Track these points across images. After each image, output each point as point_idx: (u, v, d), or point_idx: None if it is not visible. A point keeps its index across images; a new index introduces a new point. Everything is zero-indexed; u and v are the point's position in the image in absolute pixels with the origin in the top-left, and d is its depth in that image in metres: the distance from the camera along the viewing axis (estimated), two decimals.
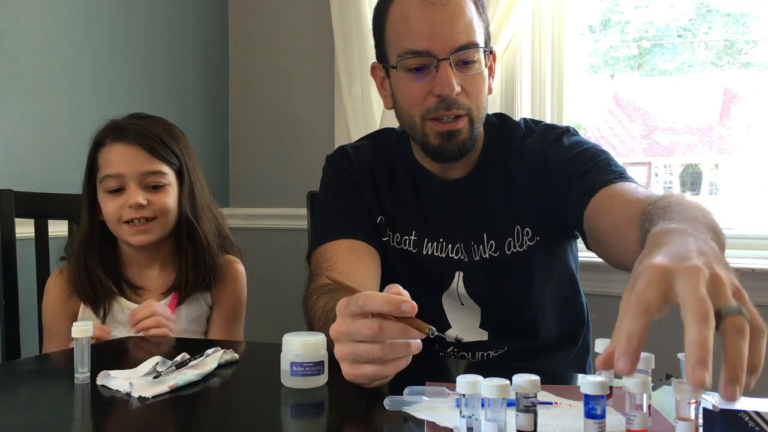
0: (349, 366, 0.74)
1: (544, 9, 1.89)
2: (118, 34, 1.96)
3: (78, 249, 1.30)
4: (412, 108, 1.10)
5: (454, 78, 1.04)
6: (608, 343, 0.71)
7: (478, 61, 1.07)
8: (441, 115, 1.07)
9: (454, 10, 1.04)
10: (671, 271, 0.57)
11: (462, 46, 1.04)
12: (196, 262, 1.33)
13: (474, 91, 1.08)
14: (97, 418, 0.75)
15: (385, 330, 0.71)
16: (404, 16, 1.07)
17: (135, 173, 1.26)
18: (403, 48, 1.07)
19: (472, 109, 1.08)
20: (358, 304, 0.72)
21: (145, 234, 1.27)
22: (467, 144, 1.10)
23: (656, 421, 0.66)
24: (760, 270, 1.58)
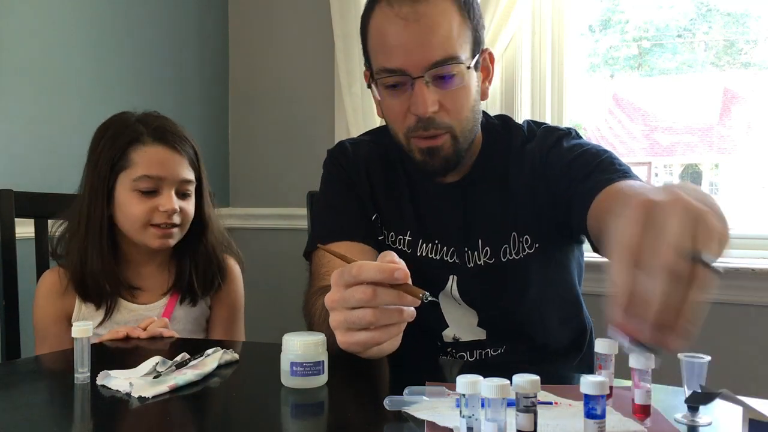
0: (343, 334, 0.75)
1: (544, 9, 1.88)
2: (118, 34, 1.96)
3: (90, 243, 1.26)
4: (395, 125, 1.08)
5: (432, 95, 1.00)
6: (608, 343, 0.72)
7: (458, 75, 1.02)
8: (421, 134, 1.04)
9: (428, 25, 0.99)
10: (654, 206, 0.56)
11: (437, 62, 0.99)
12: (206, 265, 1.33)
13: (455, 107, 1.03)
14: (97, 418, 0.75)
15: (379, 295, 0.72)
16: (380, 31, 1.03)
17: (174, 179, 1.26)
18: (379, 65, 1.04)
19: (453, 126, 1.04)
20: (352, 273, 0.72)
21: (168, 238, 1.27)
22: (451, 160, 1.07)
23: (656, 421, 0.66)
24: (760, 270, 1.58)
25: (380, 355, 0.77)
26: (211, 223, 1.36)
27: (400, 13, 0.99)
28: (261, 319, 1.87)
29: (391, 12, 1.00)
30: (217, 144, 2.35)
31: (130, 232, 1.27)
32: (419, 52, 0.99)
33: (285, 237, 2.24)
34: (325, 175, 1.24)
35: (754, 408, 0.54)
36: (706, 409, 0.67)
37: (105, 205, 1.27)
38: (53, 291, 1.28)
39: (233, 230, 1.93)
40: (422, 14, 0.99)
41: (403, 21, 0.99)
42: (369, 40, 1.07)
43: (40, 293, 1.30)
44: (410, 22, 0.99)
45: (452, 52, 1.00)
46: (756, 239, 1.70)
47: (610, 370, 0.72)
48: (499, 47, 1.82)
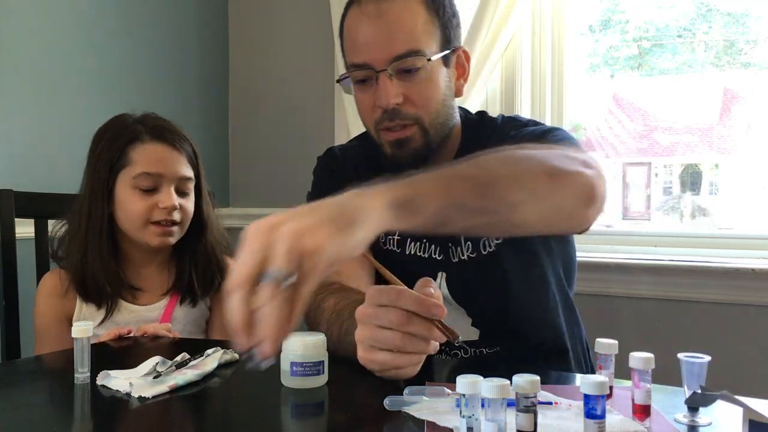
0: (366, 350, 0.75)
1: (544, 9, 1.88)
2: (118, 34, 1.96)
3: (90, 242, 1.27)
4: (365, 119, 1.12)
5: (395, 88, 1.04)
6: (608, 343, 0.72)
7: (423, 68, 1.04)
8: (387, 126, 1.07)
9: (391, 20, 1.03)
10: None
11: (400, 55, 1.03)
12: (206, 265, 1.33)
13: (421, 99, 1.06)
14: (97, 418, 0.75)
15: (412, 323, 0.72)
16: (349, 30, 1.09)
17: (173, 176, 1.27)
18: (348, 61, 1.09)
19: (421, 117, 1.07)
20: (390, 297, 0.73)
21: (168, 236, 1.27)
22: (421, 151, 1.09)
23: (656, 421, 0.66)
24: (760, 270, 1.58)
25: (396, 377, 0.77)
26: (210, 222, 1.36)
27: (365, 11, 1.05)
28: None
29: (358, 11, 1.06)
30: (217, 144, 2.35)
31: (131, 230, 1.28)
32: (382, 47, 1.04)
33: None
34: (315, 180, 1.26)
35: (754, 408, 0.54)
36: (706, 409, 0.67)
37: (105, 205, 1.27)
38: (54, 292, 1.28)
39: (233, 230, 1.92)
40: (385, 11, 1.04)
41: (367, 18, 1.04)
42: (343, 40, 1.12)
43: (41, 295, 1.30)
44: (374, 18, 1.04)
45: (415, 46, 1.04)
46: (756, 239, 1.70)
47: (610, 370, 0.72)
48: (499, 47, 1.82)
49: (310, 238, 0.56)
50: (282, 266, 0.55)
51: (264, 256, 0.56)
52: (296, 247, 0.55)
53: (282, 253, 0.55)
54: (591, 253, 1.80)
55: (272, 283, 0.55)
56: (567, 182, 0.78)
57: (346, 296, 0.96)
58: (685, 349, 0.71)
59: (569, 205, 0.79)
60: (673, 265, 1.68)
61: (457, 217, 0.69)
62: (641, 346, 0.70)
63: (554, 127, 1.11)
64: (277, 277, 0.54)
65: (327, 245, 0.57)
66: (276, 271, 0.55)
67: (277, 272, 0.55)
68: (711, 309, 1.66)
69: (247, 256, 0.57)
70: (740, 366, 1.59)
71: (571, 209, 0.80)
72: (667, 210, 2.22)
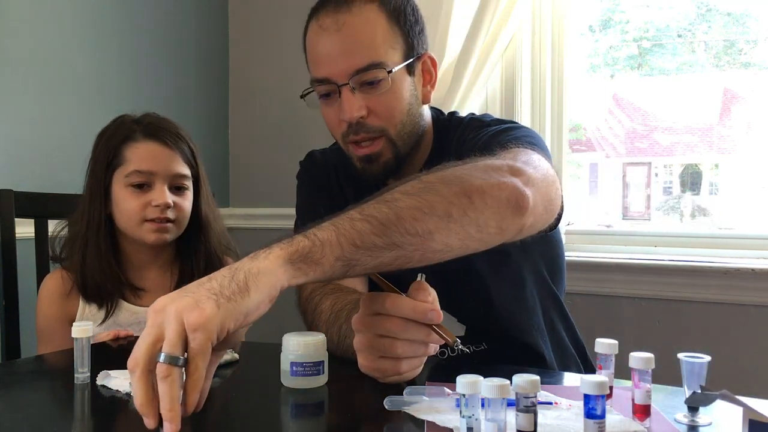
0: (365, 358, 0.75)
1: (544, 9, 1.88)
2: (118, 34, 1.96)
3: (88, 242, 1.28)
4: (333, 132, 1.12)
5: (358, 101, 1.03)
6: (608, 343, 0.72)
7: (384, 80, 1.03)
8: (353, 139, 1.06)
9: (349, 33, 1.02)
10: None
11: (361, 68, 1.01)
12: (207, 265, 1.33)
13: (385, 111, 1.05)
14: (97, 418, 0.75)
15: (409, 330, 0.72)
16: (310, 45, 1.08)
17: (166, 173, 1.28)
18: (312, 76, 1.08)
19: (387, 129, 1.06)
20: (384, 306, 0.72)
21: (163, 233, 1.27)
22: (390, 164, 1.08)
23: (656, 421, 0.66)
24: (760, 270, 1.58)
25: (398, 381, 0.77)
26: (211, 222, 1.36)
27: (323, 25, 1.03)
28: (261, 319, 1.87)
29: (316, 25, 1.05)
30: (217, 144, 2.35)
31: (128, 229, 1.28)
32: (342, 60, 1.02)
33: None
34: (300, 184, 1.26)
35: (754, 408, 0.54)
36: (706, 409, 0.67)
37: (103, 205, 1.28)
38: (56, 293, 1.29)
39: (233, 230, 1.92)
40: (343, 23, 1.02)
41: (326, 32, 1.03)
42: (306, 56, 1.11)
43: (43, 295, 1.31)
44: (332, 32, 1.02)
45: (375, 58, 1.02)
46: (756, 239, 1.70)
47: (610, 370, 0.72)
48: (499, 47, 1.82)
49: (194, 313, 0.58)
50: (171, 348, 0.58)
51: (157, 335, 0.59)
52: (180, 326, 0.58)
53: (170, 333, 0.58)
54: (591, 253, 1.80)
55: (166, 362, 0.58)
56: (486, 197, 0.74)
57: (343, 297, 0.96)
58: (685, 349, 0.71)
59: (494, 220, 0.76)
60: (673, 265, 1.68)
61: (363, 259, 0.67)
62: (641, 346, 0.70)
63: (512, 126, 1.08)
64: (169, 357, 0.58)
65: (212, 317, 0.58)
66: (167, 351, 0.58)
67: (168, 353, 0.58)
68: (711, 309, 1.66)
69: (142, 337, 0.60)
70: (740, 366, 1.59)
71: (497, 223, 0.76)
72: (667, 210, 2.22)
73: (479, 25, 1.78)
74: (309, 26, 1.08)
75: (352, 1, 1.03)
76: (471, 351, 1.11)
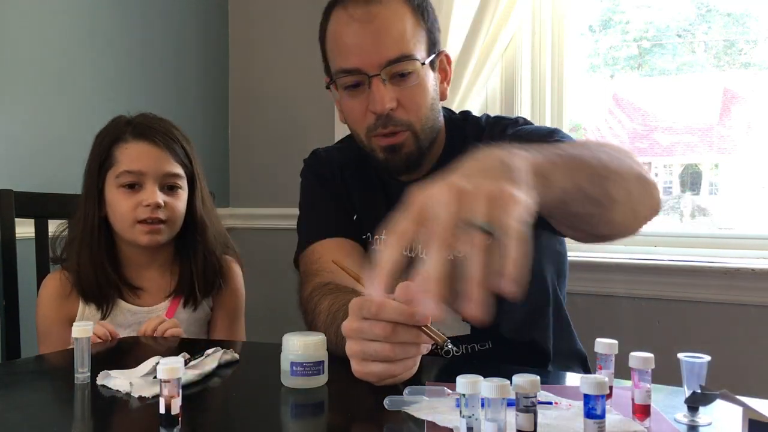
0: (358, 363, 0.75)
1: (544, 9, 1.88)
2: (118, 34, 1.96)
3: (83, 243, 1.28)
4: (356, 125, 1.11)
5: (389, 93, 1.03)
6: (608, 343, 0.72)
7: (414, 72, 1.04)
8: (380, 132, 1.07)
9: (382, 24, 1.02)
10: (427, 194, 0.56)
11: (393, 60, 1.02)
12: (206, 266, 1.33)
13: (413, 104, 1.06)
14: (97, 418, 0.75)
15: (398, 332, 0.72)
16: (336, 34, 1.07)
17: (156, 173, 1.27)
18: (337, 66, 1.07)
19: (413, 123, 1.07)
20: (372, 311, 0.72)
21: (156, 234, 1.27)
22: (413, 156, 1.09)
23: (656, 421, 0.66)
24: (760, 270, 1.58)
25: (395, 383, 0.77)
26: (207, 223, 1.35)
27: (354, 15, 1.03)
28: (261, 319, 1.87)
29: (345, 14, 1.04)
30: (217, 144, 2.35)
31: (121, 230, 1.29)
32: (374, 51, 1.02)
33: (285, 237, 2.22)
34: (303, 182, 1.26)
35: (754, 408, 0.54)
36: (706, 409, 0.67)
37: (96, 206, 1.29)
38: (56, 294, 1.29)
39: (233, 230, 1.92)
40: (375, 15, 1.02)
41: (357, 22, 1.03)
42: (327, 45, 1.11)
43: (43, 297, 1.31)
44: (364, 22, 1.02)
45: (407, 51, 1.03)
46: (756, 239, 1.70)
47: (610, 370, 0.72)
48: (499, 47, 1.82)
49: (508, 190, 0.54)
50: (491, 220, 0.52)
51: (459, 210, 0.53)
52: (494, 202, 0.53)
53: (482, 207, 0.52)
54: (591, 253, 1.80)
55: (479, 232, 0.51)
56: (649, 189, 0.77)
57: (341, 297, 0.96)
58: (685, 349, 0.71)
59: (642, 213, 0.78)
60: (673, 265, 1.68)
61: (575, 200, 0.67)
62: (641, 346, 0.70)
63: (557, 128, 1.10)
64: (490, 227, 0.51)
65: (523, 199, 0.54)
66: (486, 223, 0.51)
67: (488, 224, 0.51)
68: (711, 309, 1.66)
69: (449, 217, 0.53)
70: (740, 366, 1.59)
71: (642, 217, 0.78)
72: (667, 210, 2.21)
73: (479, 25, 1.78)
74: (333, 16, 1.07)
75: None
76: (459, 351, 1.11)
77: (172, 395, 0.61)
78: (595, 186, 0.70)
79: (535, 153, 0.66)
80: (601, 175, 0.71)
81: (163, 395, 0.61)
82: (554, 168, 0.65)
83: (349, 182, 1.21)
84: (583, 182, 0.68)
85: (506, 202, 0.53)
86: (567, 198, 0.67)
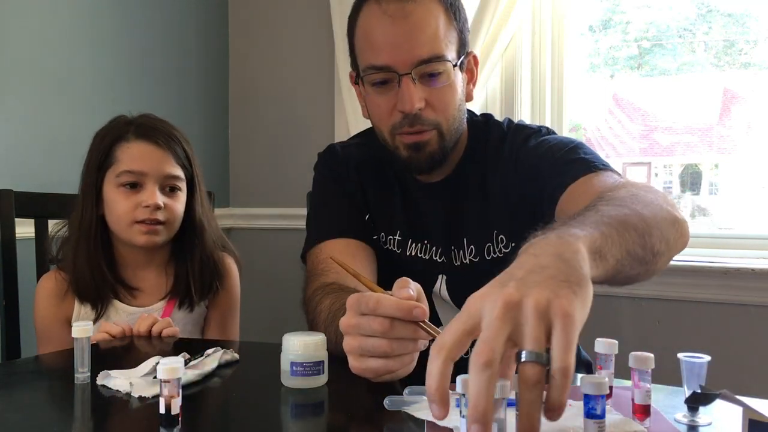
0: (356, 359, 0.74)
1: (544, 9, 1.89)
2: (118, 34, 1.96)
3: (79, 242, 1.28)
4: (381, 122, 1.09)
5: (419, 92, 1.02)
6: (608, 343, 0.72)
7: (445, 73, 1.03)
8: (407, 131, 1.05)
9: (415, 23, 1.00)
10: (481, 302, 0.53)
11: (424, 59, 1.01)
12: (203, 268, 1.33)
13: (441, 104, 1.05)
14: (97, 418, 0.75)
15: (395, 328, 0.72)
16: (367, 29, 1.05)
17: (157, 174, 1.27)
18: (366, 62, 1.06)
19: (440, 123, 1.06)
20: (369, 306, 0.72)
21: (153, 235, 1.27)
22: (436, 156, 1.08)
23: (656, 421, 0.66)
24: (760, 270, 1.58)
25: (393, 379, 0.77)
26: (204, 225, 1.35)
27: (387, 11, 1.01)
28: (261, 319, 1.87)
29: (378, 10, 1.02)
30: (217, 144, 2.35)
31: (119, 230, 1.28)
32: (406, 49, 1.01)
33: (285, 237, 2.24)
34: (317, 176, 1.25)
35: (754, 408, 0.54)
36: (706, 409, 0.67)
37: (94, 206, 1.28)
38: (52, 294, 1.28)
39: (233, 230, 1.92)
40: (410, 12, 1.00)
41: (390, 18, 1.01)
42: (356, 39, 1.09)
43: (38, 297, 1.30)
44: (398, 19, 1.00)
45: (439, 51, 1.02)
46: (756, 239, 1.70)
47: (610, 370, 0.72)
48: (499, 47, 1.82)
49: (562, 304, 0.50)
50: (538, 345, 0.49)
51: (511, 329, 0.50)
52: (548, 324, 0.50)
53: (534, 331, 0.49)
54: None
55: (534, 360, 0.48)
56: (681, 229, 0.78)
57: (342, 296, 0.96)
58: (685, 349, 0.71)
59: (676, 252, 0.79)
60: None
61: (627, 266, 0.66)
62: (641, 346, 0.70)
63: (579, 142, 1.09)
64: (537, 354, 0.48)
65: (577, 307, 0.51)
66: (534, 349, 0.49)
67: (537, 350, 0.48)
68: (711, 309, 1.66)
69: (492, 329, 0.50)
70: (740, 366, 1.59)
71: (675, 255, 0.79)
72: None
73: (479, 25, 1.78)
74: (364, 10, 1.06)
75: None
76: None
77: (172, 395, 0.61)
78: (642, 247, 0.69)
79: (589, 228, 0.64)
80: (645, 233, 0.70)
81: (163, 395, 0.61)
82: (607, 241, 0.63)
83: (365, 181, 1.19)
84: (633, 247, 0.68)
85: (561, 322, 0.50)
86: (621, 267, 0.67)
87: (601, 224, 0.66)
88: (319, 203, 1.22)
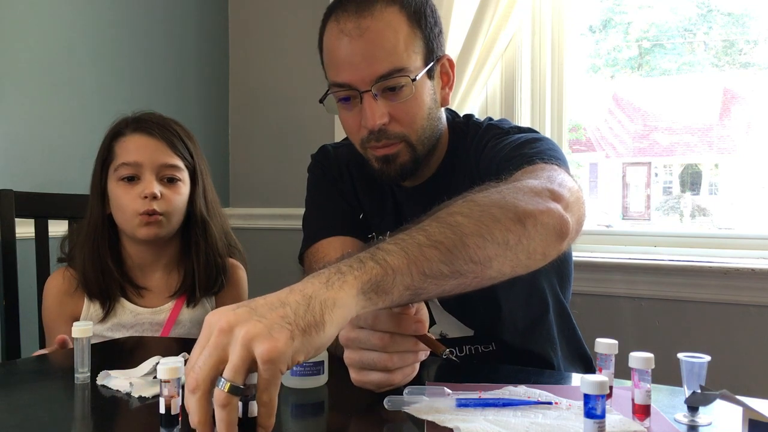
0: (357, 372, 0.74)
1: (544, 9, 1.88)
2: (119, 34, 1.96)
3: (87, 240, 1.28)
4: (351, 136, 1.10)
5: (380, 108, 1.01)
6: (608, 343, 0.72)
7: (407, 86, 1.01)
8: (373, 146, 1.05)
9: (372, 39, 0.99)
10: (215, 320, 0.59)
11: (383, 75, 0.99)
12: (208, 263, 1.33)
13: (407, 117, 1.03)
14: (97, 418, 0.75)
15: (395, 342, 0.72)
16: (329, 47, 1.05)
17: (153, 164, 1.27)
18: (331, 79, 1.06)
19: (407, 135, 1.05)
20: (368, 321, 0.72)
21: (153, 226, 1.26)
22: (407, 166, 1.07)
23: (656, 421, 0.66)
24: (760, 270, 1.58)
25: (394, 388, 0.76)
26: (210, 219, 1.35)
27: (345, 29, 1.01)
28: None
29: (336, 28, 1.02)
30: (217, 144, 2.35)
31: (123, 226, 1.29)
32: (364, 67, 1.00)
33: (285, 237, 2.23)
34: (311, 177, 1.25)
35: (754, 408, 0.54)
36: (706, 409, 0.67)
37: (101, 204, 1.29)
38: (61, 292, 1.29)
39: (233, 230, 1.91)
40: (365, 29, 0.99)
41: (347, 37, 1.00)
42: (323, 56, 1.09)
43: (46, 294, 1.31)
44: (354, 38, 1.00)
45: (398, 64, 1.00)
46: (756, 239, 1.70)
47: (610, 370, 0.72)
48: (499, 47, 1.82)
49: (267, 344, 0.54)
50: (234, 375, 0.55)
51: (220, 357, 0.56)
52: (248, 354, 0.55)
53: (236, 360, 0.55)
54: (591, 253, 1.80)
55: (227, 392, 0.54)
56: (537, 224, 0.75)
57: None
58: (685, 349, 0.71)
59: (542, 246, 0.77)
60: (673, 265, 1.68)
61: (429, 286, 0.67)
62: (641, 346, 0.70)
63: (533, 137, 1.07)
64: (233, 387, 0.54)
65: (285, 351, 0.55)
66: (230, 379, 0.55)
67: (231, 381, 0.54)
68: (711, 309, 1.66)
69: (204, 356, 0.56)
70: (740, 366, 1.59)
71: (543, 249, 0.77)
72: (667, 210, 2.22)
73: (479, 25, 1.78)
74: (327, 27, 1.05)
75: (373, 4, 1.00)
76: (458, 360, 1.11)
77: (172, 395, 0.61)
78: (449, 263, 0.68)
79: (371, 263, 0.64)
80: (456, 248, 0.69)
81: (163, 395, 0.61)
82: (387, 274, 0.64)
83: (357, 180, 1.20)
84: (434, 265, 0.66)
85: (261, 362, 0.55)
86: (417, 290, 0.66)
87: (396, 253, 0.65)
88: (313, 204, 1.22)
